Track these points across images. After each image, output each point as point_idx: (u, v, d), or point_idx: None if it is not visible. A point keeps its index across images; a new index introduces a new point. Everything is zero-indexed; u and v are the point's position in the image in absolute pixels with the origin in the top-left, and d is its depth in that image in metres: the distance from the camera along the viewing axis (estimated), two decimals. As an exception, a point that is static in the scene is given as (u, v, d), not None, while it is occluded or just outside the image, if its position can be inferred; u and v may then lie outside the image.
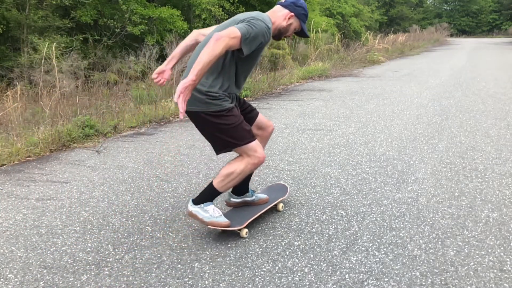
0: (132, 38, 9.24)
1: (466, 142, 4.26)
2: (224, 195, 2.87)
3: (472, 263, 2.12)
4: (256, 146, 2.31)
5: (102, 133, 4.81)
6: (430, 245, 2.29)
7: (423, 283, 1.96)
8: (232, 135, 2.25)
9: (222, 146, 2.32)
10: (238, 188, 2.61)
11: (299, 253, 2.25)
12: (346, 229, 2.50)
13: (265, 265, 2.14)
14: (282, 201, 2.82)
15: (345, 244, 2.33)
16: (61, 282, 2.03)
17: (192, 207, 2.37)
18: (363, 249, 2.27)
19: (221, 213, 2.39)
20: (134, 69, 7.79)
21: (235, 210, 2.64)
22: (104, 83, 7.41)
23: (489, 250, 2.23)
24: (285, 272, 2.07)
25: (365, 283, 1.97)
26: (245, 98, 5.61)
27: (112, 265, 2.17)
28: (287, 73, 9.43)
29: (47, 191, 3.22)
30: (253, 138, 2.32)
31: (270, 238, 2.41)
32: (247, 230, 2.46)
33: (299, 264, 2.14)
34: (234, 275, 2.06)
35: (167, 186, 3.26)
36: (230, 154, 3.87)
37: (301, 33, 2.41)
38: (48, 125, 4.64)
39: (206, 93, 2.17)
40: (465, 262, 2.13)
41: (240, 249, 2.30)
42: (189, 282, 2.01)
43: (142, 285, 2.00)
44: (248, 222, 2.45)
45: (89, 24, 8.74)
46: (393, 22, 37.20)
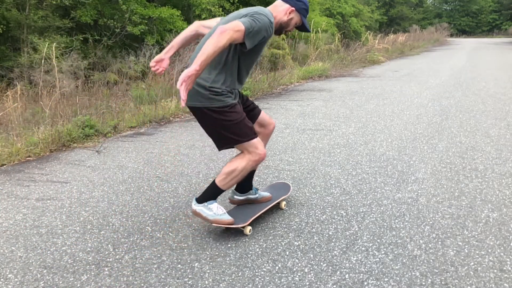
0: (132, 38, 9.23)
1: (466, 142, 4.26)
2: (227, 193, 2.87)
3: (472, 263, 2.12)
4: (257, 143, 2.33)
5: (102, 133, 4.82)
6: (430, 245, 2.29)
7: (423, 283, 1.96)
8: (234, 131, 2.27)
9: (224, 142, 2.34)
10: (241, 185, 2.63)
11: (299, 253, 2.25)
12: (346, 229, 2.50)
13: (265, 265, 2.14)
14: (284, 199, 2.84)
15: (345, 244, 2.33)
16: (61, 282, 2.03)
17: (196, 206, 2.40)
18: (363, 249, 2.27)
19: (225, 211, 2.42)
20: (134, 69, 7.79)
21: (239, 208, 2.67)
22: (104, 83, 7.40)
23: (489, 250, 2.23)
24: (285, 272, 2.07)
25: (365, 283, 1.97)
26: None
27: (112, 265, 2.17)
28: (287, 73, 9.43)
29: (47, 191, 3.22)
30: (255, 135, 2.35)
31: (270, 238, 2.41)
32: (250, 228, 2.48)
33: (299, 264, 2.14)
34: (234, 275, 2.06)
35: (167, 186, 3.26)
36: (230, 153, 3.87)
37: (302, 27, 2.42)
38: (48, 125, 4.64)
39: (209, 89, 2.19)
40: (465, 262, 2.13)
41: (240, 249, 2.30)
42: (189, 282, 2.01)
43: (142, 285, 2.00)
44: (251, 219, 2.48)
45: (89, 24, 8.73)
46: (393, 22, 37.19)
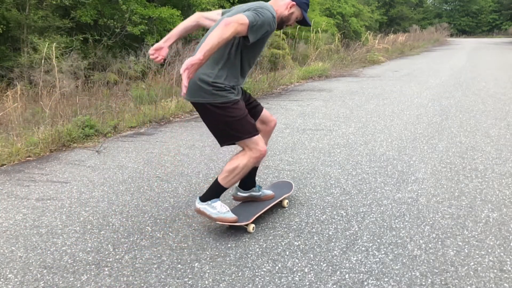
0: (132, 38, 9.23)
1: (466, 142, 4.26)
2: (230, 191, 2.87)
3: (472, 263, 2.12)
4: (258, 139, 2.36)
5: (102, 133, 4.81)
6: (430, 245, 2.29)
7: (423, 283, 1.96)
8: (236, 127, 2.30)
9: (226, 138, 2.37)
10: (244, 182, 2.66)
11: (299, 253, 2.25)
12: (346, 229, 2.50)
13: (265, 265, 2.14)
14: (287, 198, 2.87)
15: (345, 244, 2.33)
16: (61, 282, 2.03)
17: (199, 204, 2.43)
18: (363, 249, 2.27)
19: (229, 209, 2.45)
20: (134, 69, 7.78)
21: (242, 206, 2.69)
22: (104, 83, 7.40)
23: (489, 250, 2.23)
24: (285, 272, 2.07)
25: (365, 283, 1.97)
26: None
27: (112, 265, 2.17)
28: (287, 73, 9.43)
29: (47, 191, 3.22)
30: (257, 132, 2.37)
31: (270, 238, 2.42)
32: (254, 225, 2.51)
33: (299, 264, 2.14)
34: (234, 275, 2.06)
35: (167, 186, 3.26)
36: (230, 153, 3.87)
37: (303, 21, 2.44)
38: (48, 125, 4.64)
39: (212, 84, 2.21)
40: (465, 262, 2.13)
41: (240, 249, 2.30)
42: (189, 282, 2.01)
43: (142, 285, 2.00)
44: (255, 217, 2.50)
45: (89, 24, 8.73)
46: (393, 22, 37.17)
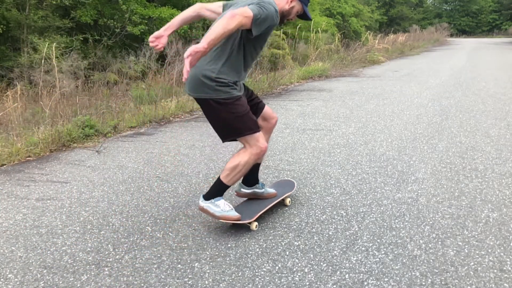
0: (132, 38, 9.23)
1: (466, 142, 4.26)
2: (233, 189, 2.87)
3: (472, 263, 2.12)
4: (259, 136, 2.38)
5: (102, 133, 4.81)
6: (430, 245, 2.29)
7: (423, 283, 1.96)
8: (238, 123, 2.32)
9: (228, 134, 2.39)
10: (248, 178, 2.69)
11: (299, 253, 2.25)
12: (346, 229, 2.50)
13: (265, 265, 2.14)
14: (289, 196, 2.89)
15: (345, 244, 2.33)
16: (61, 282, 2.03)
17: (203, 203, 2.44)
18: (363, 249, 2.27)
19: (232, 207, 2.46)
20: (134, 69, 7.78)
21: (245, 204, 2.71)
22: (104, 83, 7.40)
23: (489, 250, 2.23)
24: (285, 272, 2.07)
25: (365, 283, 1.97)
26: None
27: (112, 265, 2.17)
28: (287, 73, 9.43)
29: (47, 191, 3.22)
30: (258, 129, 2.39)
31: (270, 238, 2.42)
32: (256, 223, 2.53)
33: (299, 264, 2.14)
34: (234, 275, 2.06)
35: (167, 186, 3.26)
36: (230, 153, 3.87)
37: (304, 15, 2.46)
38: (48, 125, 4.64)
39: (215, 79, 2.23)
40: (465, 262, 2.13)
41: (240, 249, 2.30)
42: (189, 282, 2.01)
43: (142, 285, 2.00)
44: (257, 215, 2.52)
45: (89, 24, 8.73)
46: (393, 22, 37.17)
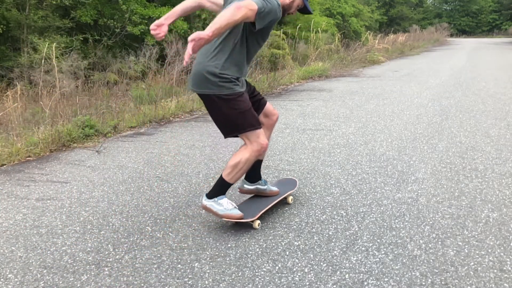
0: (132, 38, 9.23)
1: (466, 142, 4.26)
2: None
3: (472, 263, 2.12)
4: (260, 133, 2.40)
5: (102, 133, 4.81)
6: (430, 245, 2.29)
7: (423, 283, 1.96)
8: (240, 120, 2.34)
9: (229, 130, 2.41)
10: (251, 175, 2.71)
11: (299, 253, 2.25)
12: (346, 229, 2.50)
13: (265, 265, 2.14)
14: (291, 194, 2.91)
15: (345, 244, 2.33)
16: (61, 282, 2.03)
17: (206, 201, 2.46)
18: (363, 249, 2.27)
19: (235, 206, 2.48)
20: (134, 69, 7.78)
21: (247, 202, 2.73)
22: (104, 83, 7.40)
23: (489, 250, 2.23)
24: (285, 272, 2.07)
25: (365, 283, 1.97)
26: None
27: (112, 265, 2.17)
28: (287, 73, 9.43)
29: (47, 191, 3.22)
30: (259, 126, 2.41)
31: (270, 238, 2.42)
32: (259, 222, 2.54)
33: (299, 264, 2.14)
34: (234, 275, 2.06)
35: (167, 186, 3.26)
36: (231, 153, 3.87)
37: (304, 9, 2.46)
38: (48, 125, 4.64)
39: (219, 75, 2.24)
40: (465, 262, 2.13)
41: (240, 249, 2.30)
42: (189, 282, 2.01)
43: (142, 285, 2.00)
44: (260, 213, 2.54)
45: (89, 24, 8.73)
46: (393, 22, 37.16)
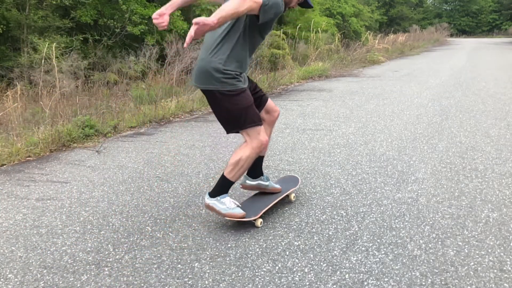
0: (132, 38, 9.23)
1: (466, 142, 4.26)
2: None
3: (472, 263, 2.12)
4: (260, 129, 2.42)
5: (102, 133, 4.81)
6: (430, 245, 2.29)
7: (423, 283, 1.96)
8: (241, 116, 2.35)
9: (231, 126, 2.43)
10: (252, 170, 2.72)
11: (299, 253, 2.25)
12: (346, 229, 2.50)
13: (265, 265, 2.14)
14: (294, 192, 2.92)
15: (345, 244, 2.33)
16: (61, 282, 2.03)
17: (209, 200, 2.47)
18: (363, 249, 2.27)
19: (237, 204, 2.49)
20: (134, 69, 7.78)
21: (249, 201, 2.74)
22: (104, 83, 7.40)
23: (489, 250, 2.23)
24: (285, 272, 2.07)
25: (365, 283, 1.97)
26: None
27: (112, 265, 2.17)
28: (287, 73, 9.43)
29: (47, 191, 3.22)
30: (260, 122, 2.43)
31: (270, 238, 2.42)
32: (261, 220, 2.55)
33: (299, 264, 2.14)
34: (234, 275, 2.06)
35: (167, 186, 3.26)
36: (231, 153, 3.87)
37: (305, 3, 2.48)
38: (48, 125, 4.64)
39: (223, 71, 2.26)
40: (465, 262, 2.13)
41: (240, 249, 2.30)
42: (189, 282, 2.01)
43: (142, 285, 2.00)
44: (262, 212, 2.55)
45: (89, 24, 8.73)
46: (393, 22, 37.15)
